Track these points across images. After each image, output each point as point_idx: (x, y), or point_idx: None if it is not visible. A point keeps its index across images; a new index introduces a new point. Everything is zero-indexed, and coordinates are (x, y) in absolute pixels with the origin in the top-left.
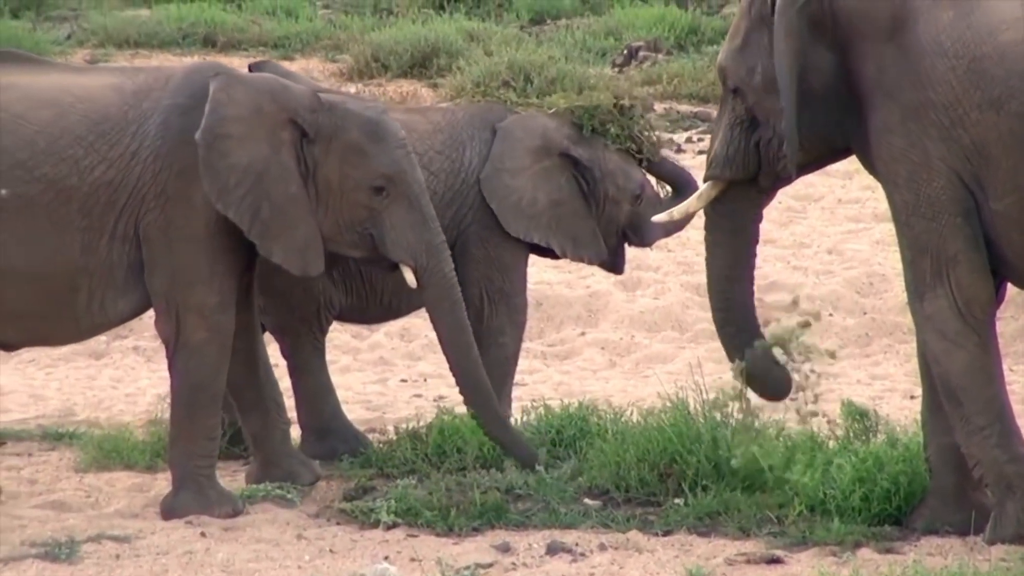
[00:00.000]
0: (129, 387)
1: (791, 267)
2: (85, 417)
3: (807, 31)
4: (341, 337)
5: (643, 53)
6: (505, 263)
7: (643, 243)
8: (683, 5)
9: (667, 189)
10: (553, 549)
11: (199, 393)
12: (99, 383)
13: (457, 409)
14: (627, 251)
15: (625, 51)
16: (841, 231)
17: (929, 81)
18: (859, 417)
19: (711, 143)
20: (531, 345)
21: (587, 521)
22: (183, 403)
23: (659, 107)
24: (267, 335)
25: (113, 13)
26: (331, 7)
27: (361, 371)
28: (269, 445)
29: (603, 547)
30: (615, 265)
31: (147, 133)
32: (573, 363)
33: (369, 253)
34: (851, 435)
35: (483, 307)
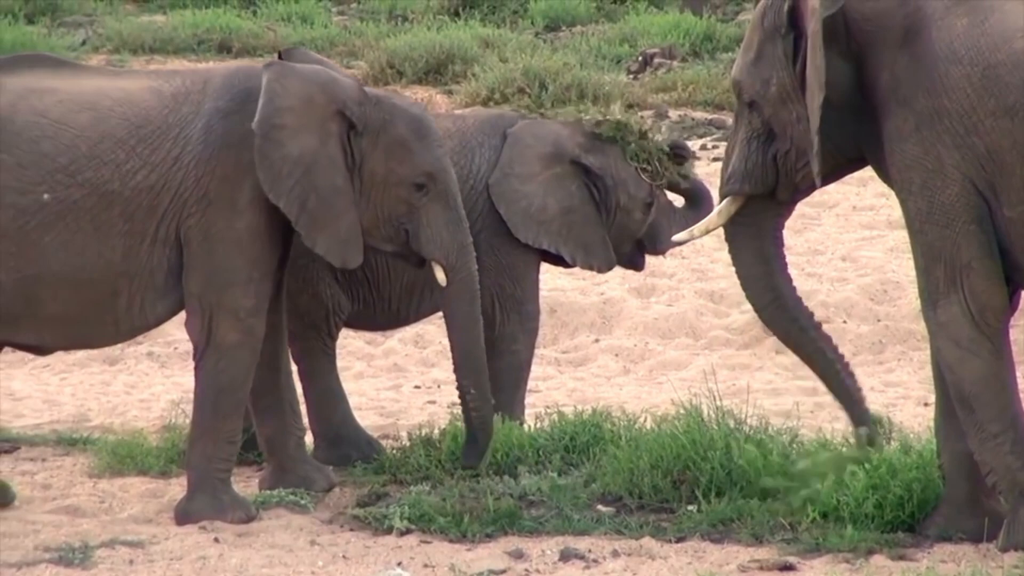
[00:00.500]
0: (143, 393)
1: (805, 274)
2: (99, 423)
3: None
4: (355, 343)
5: (658, 60)
6: (517, 270)
7: (656, 251)
8: (698, 12)
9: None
10: (566, 555)
11: (226, 396)
12: (113, 389)
13: None
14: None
15: (640, 58)
16: (855, 238)
17: (943, 88)
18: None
19: (727, 158)
20: (545, 352)
21: (600, 528)
22: (208, 405)
23: (674, 114)
24: None
25: (128, 19)
26: (346, 13)
27: (375, 377)
28: (283, 451)
29: (616, 554)
30: (635, 264)
31: (189, 138)
32: (587, 370)
33: (401, 248)
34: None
35: (495, 314)
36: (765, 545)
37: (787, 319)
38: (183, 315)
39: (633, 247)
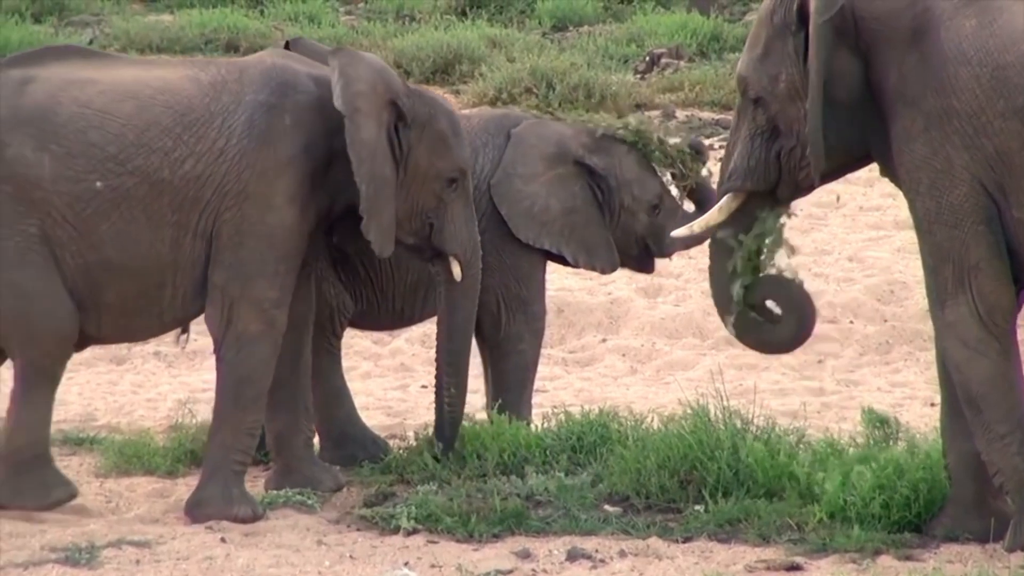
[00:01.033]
0: (150, 392)
1: (812, 274)
2: (106, 422)
3: (831, 39)
4: (362, 343)
5: (665, 60)
6: (522, 270)
7: (662, 253)
8: (705, 12)
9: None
10: (573, 555)
11: (246, 386)
12: (120, 388)
13: (478, 416)
14: None
15: (647, 58)
16: (862, 238)
17: (952, 89)
18: (880, 424)
19: (728, 155)
20: (552, 352)
21: (607, 528)
22: (230, 396)
23: (681, 114)
24: None
25: (135, 18)
26: (353, 13)
27: (382, 377)
28: (291, 450)
29: (623, 554)
30: (644, 267)
31: (233, 130)
32: (594, 370)
33: (421, 242)
34: (872, 442)
35: (500, 315)
36: (772, 545)
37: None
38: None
39: (640, 249)
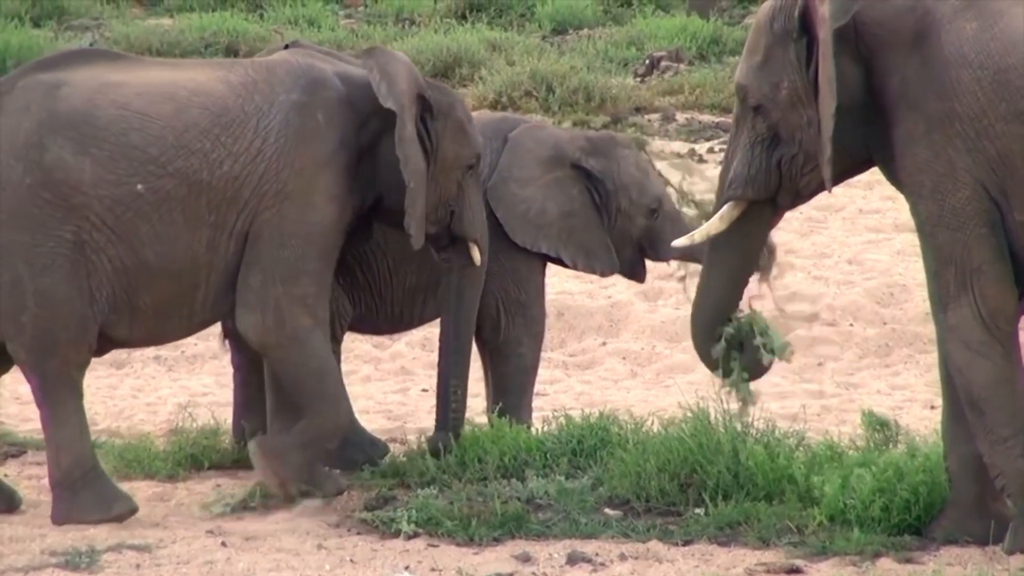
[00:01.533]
0: (150, 396)
1: (812, 277)
2: (106, 427)
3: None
4: (362, 347)
5: (665, 63)
6: (520, 274)
7: (659, 258)
8: (705, 15)
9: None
10: (573, 559)
11: (318, 381)
12: (120, 392)
13: (478, 419)
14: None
15: (647, 61)
16: (862, 241)
17: (954, 92)
18: (879, 427)
19: (727, 163)
20: (552, 355)
21: (607, 531)
22: (313, 392)
23: (681, 117)
24: None
25: (135, 22)
26: (353, 16)
27: (382, 381)
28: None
29: (623, 557)
30: (635, 274)
31: (270, 130)
32: (594, 373)
33: (441, 231)
34: (871, 445)
35: (500, 318)
36: (772, 548)
37: (709, 337)
38: None
39: (635, 253)
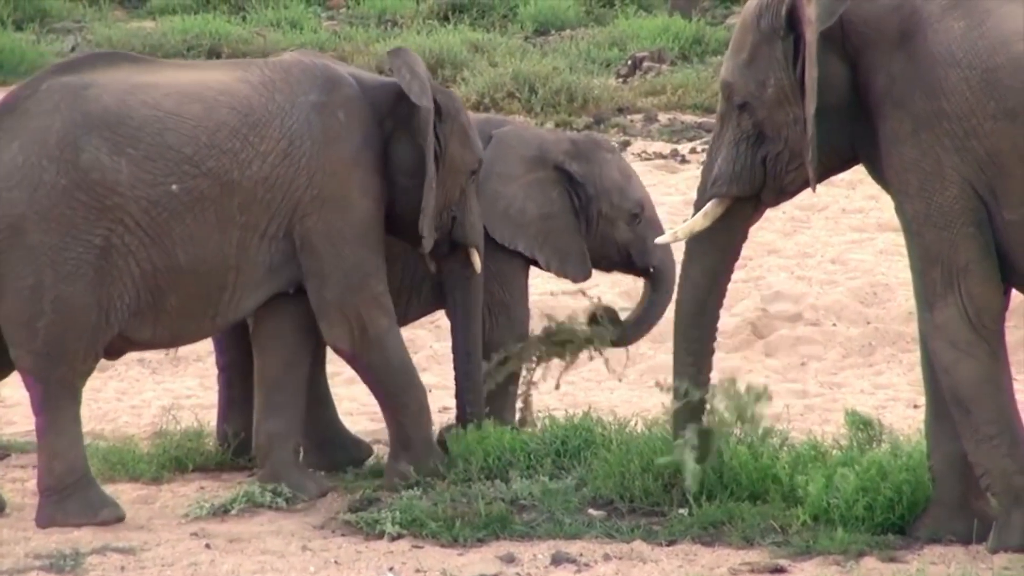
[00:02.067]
0: (134, 399)
1: (795, 277)
2: (90, 429)
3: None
4: None
5: (647, 63)
6: (505, 275)
7: (644, 263)
8: (687, 15)
9: None
10: (558, 560)
11: (404, 374)
12: (104, 395)
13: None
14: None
15: (629, 61)
16: (845, 241)
17: (942, 91)
18: (863, 426)
19: (710, 160)
20: None
21: (591, 531)
22: (394, 387)
23: (663, 117)
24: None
25: (117, 25)
26: (336, 18)
27: None
28: (280, 454)
29: (607, 557)
30: (636, 271)
31: (294, 132)
32: (578, 373)
33: (442, 237)
34: (855, 444)
35: (484, 320)
36: (756, 548)
37: (693, 337)
38: None
39: (621, 258)
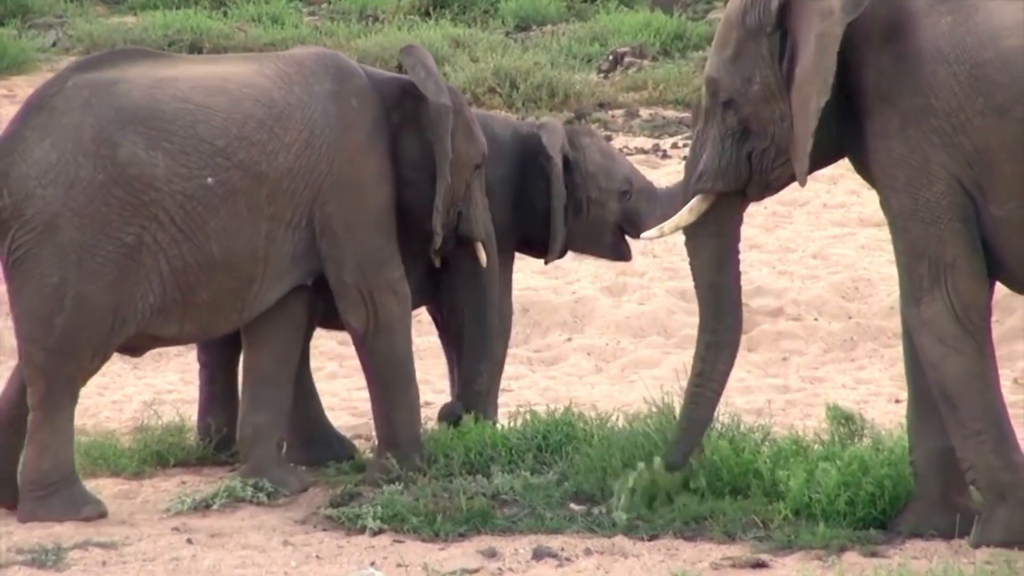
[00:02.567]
0: (116, 394)
1: (776, 272)
2: None
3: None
4: (327, 343)
5: (628, 59)
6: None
7: (638, 234)
8: (668, 11)
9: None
10: (539, 554)
11: (403, 367)
12: (85, 390)
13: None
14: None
15: (611, 57)
16: (826, 236)
17: (930, 87)
18: (844, 421)
19: (694, 156)
20: (517, 351)
21: (573, 526)
22: (395, 379)
23: (644, 113)
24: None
25: (99, 20)
26: (317, 13)
27: (348, 377)
28: (264, 448)
29: (589, 552)
30: (620, 255)
31: (314, 121)
32: (559, 369)
33: (448, 233)
34: (836, 439)
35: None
36: (738, 542)
37: (721, 330)
38: None
39: (615, 236)
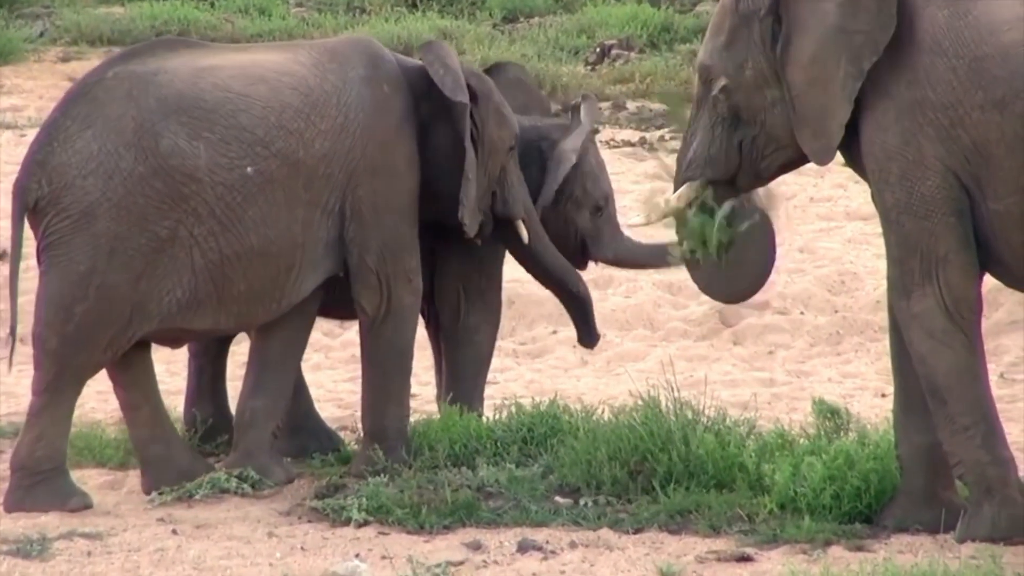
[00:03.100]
0: (101, 384)
1: None
2: None
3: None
4: (312, 335)
5: (616, 51)
6: (485, 261)
7: (596, 255)
8: (656, 3)
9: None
10: (524, 547)
11: (405, 357)
12: None
13: (427, 407)
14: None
15: (598, 49)
16: (813, 229)
17: (927, 80)
18: (830, 415)
19: (685, 144)
20: (503, 343)
21: (558, 519)
22: (393, 370)
23: (631, 105)
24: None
25: (87, 11)
26: (304, 5)
27: (333, 369)
28: (257, 433)
29: (574, 545)
30: (578, 264)
31: (349, 106)
32: (545, 361)
33: (486, 217)
34: (822, 433)
35: (459, 304)
36: (723, 536)
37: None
38: None
39: (577, 245)
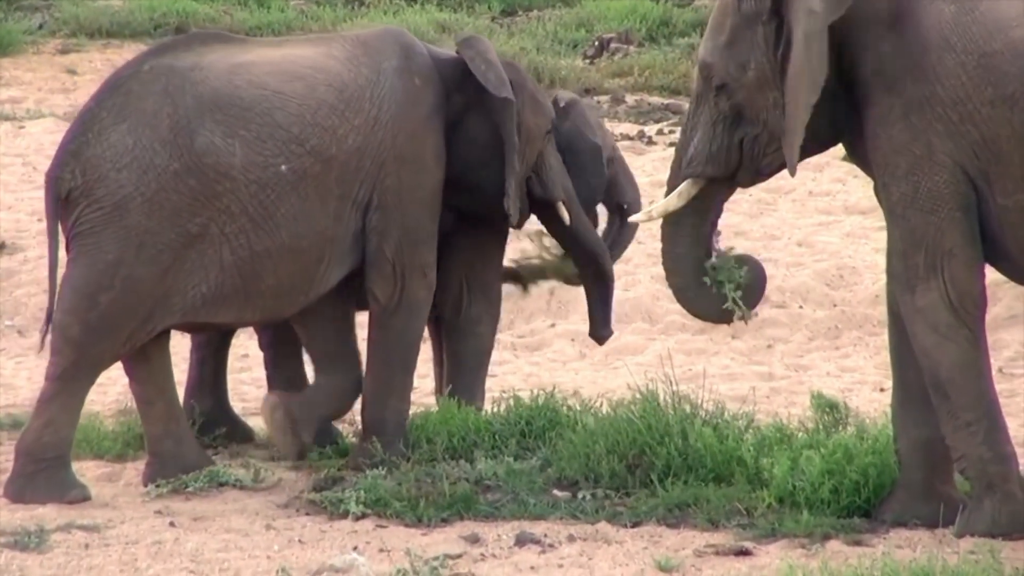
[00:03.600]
0: (99, 376)
1: (761, 259)
2: None
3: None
4: None
5: (614, 45)
6: (488, 253)
7: (617, 199)
8: None
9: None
10: (522, 540)
11: (413, 351)
12: None
13: (426, 400)
14: None
15: (596, 43)
16: (811, 223)
17: (936, 76)
18: (829, 409)
19: (685, 140)
20: (501, 336)
21: (556, 512)
22: (398, 362)
23: (630, 99)
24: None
25: (85, 3)
26: None
27: None
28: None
29: (572, 538)
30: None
31: (383, 98)
32: (543, 354)
33: (524, 204)
34: (820, 427)
35: (461, 296)
36: (721, 530)
37: (707, 295)
38: None
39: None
